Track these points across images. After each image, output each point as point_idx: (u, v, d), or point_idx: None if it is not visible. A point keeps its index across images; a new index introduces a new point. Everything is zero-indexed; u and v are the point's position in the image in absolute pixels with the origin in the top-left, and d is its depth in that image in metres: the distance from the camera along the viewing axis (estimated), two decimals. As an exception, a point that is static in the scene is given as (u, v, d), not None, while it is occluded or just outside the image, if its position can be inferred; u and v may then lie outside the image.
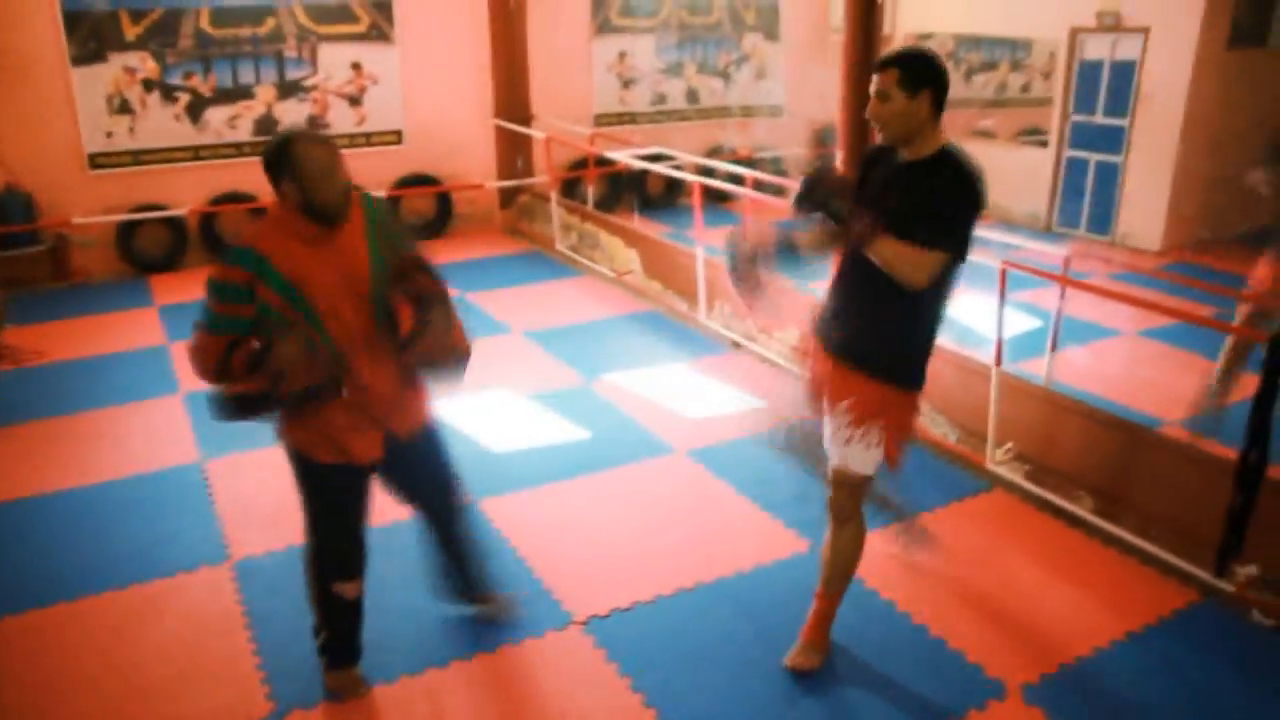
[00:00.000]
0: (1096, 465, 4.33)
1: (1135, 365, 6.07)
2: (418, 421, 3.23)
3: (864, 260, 2.96)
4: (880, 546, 4.20)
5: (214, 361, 2.88)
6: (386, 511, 3.82)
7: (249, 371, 2.86)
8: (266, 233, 2.89)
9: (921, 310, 3.11)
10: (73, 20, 7.98)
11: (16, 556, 4.22)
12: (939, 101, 2.96)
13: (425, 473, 3.37)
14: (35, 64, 7.96)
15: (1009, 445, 4.69)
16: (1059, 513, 4.41)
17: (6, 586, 3.98)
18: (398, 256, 3.00)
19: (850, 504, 3.35)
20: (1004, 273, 4.42)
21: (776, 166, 10.53)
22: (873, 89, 2.99)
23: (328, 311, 2.90)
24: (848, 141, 5.38)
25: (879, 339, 3.15)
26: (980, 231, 3.25)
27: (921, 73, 2.94)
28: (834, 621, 3.53)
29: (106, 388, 6.03)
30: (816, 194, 2.99)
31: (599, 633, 3.67)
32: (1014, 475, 4.61)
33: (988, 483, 4.71)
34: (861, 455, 3.21)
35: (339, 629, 3.34)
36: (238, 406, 2.98)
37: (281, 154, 2.83)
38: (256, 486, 4.78)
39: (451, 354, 3.10)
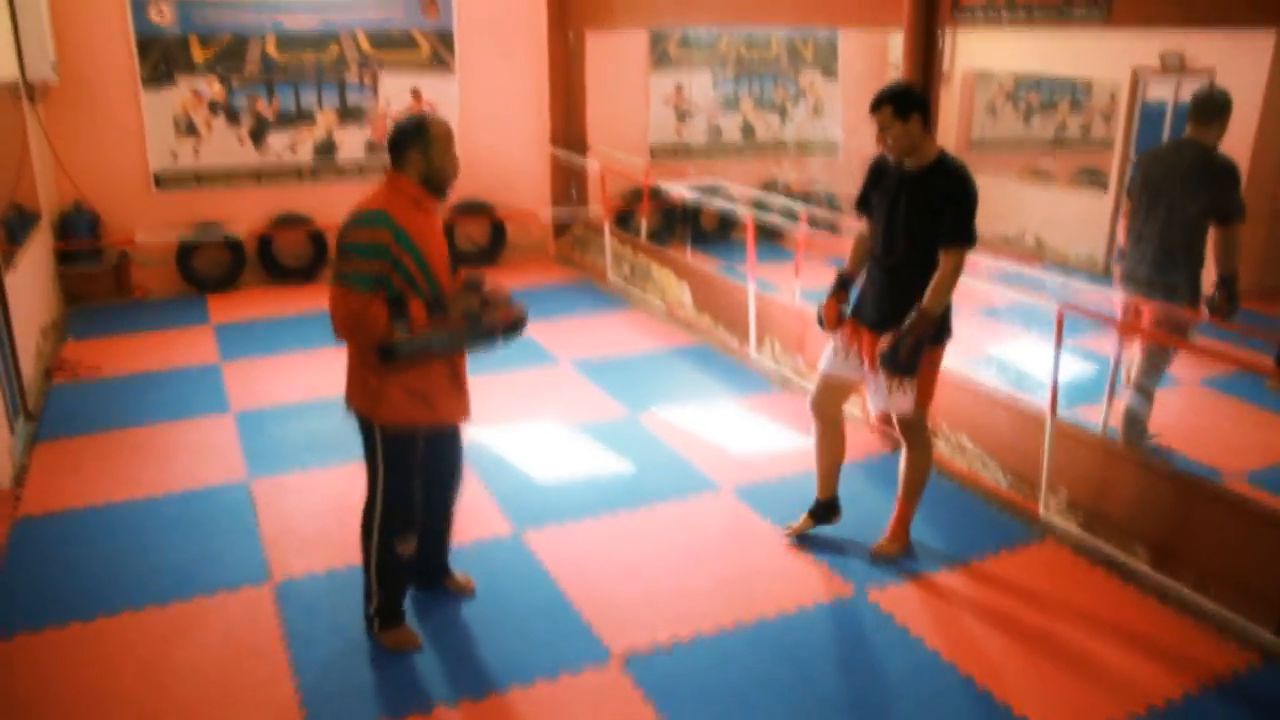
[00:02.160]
0: (1153, 517, 4.20)
1: (1195, 415, 5.91)
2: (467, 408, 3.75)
3: (893, 268, 4.02)
4: (926, 596, 4.12)
5: (373, 316, 3.22)
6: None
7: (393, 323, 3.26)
8: (388, 199, 3.33)
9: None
10: (145, 44, 8.21)
11: (62, 568, 4.27)
12: (925, 119, 3.88)
13: (455, 449, 3.87)
14: (108, 86, 8.19)
15: (1062, 493, 4.57)
16: (1113, 565, 4.28)
17: (50, 598, 4.03)
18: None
19: (910, 434, 4.24)
20: (1061, 316, 4.32)
21: (831, 203, 10.49)
22: (876, 125, 3.89)
23: (441, 274, 3.42)
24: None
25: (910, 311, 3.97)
26: (1035, 273, 4.04)
27: (907, 103, 3.84)
28: (911, 523, 4.43)
29: (159, 404, 6.12)
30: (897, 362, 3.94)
31: (637, 670, 3.61)
32: (1067, 524, 4.49)
33: (1040, 531, 4.59)
34: (901, 399, 4.07)
35: (394, 589, 3.71)
36: (410, 353, 3.35)
37: (419, 126, 3.35)
38: (301, 508, 4.80)
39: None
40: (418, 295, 3.32)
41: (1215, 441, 5.56)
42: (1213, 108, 4.71)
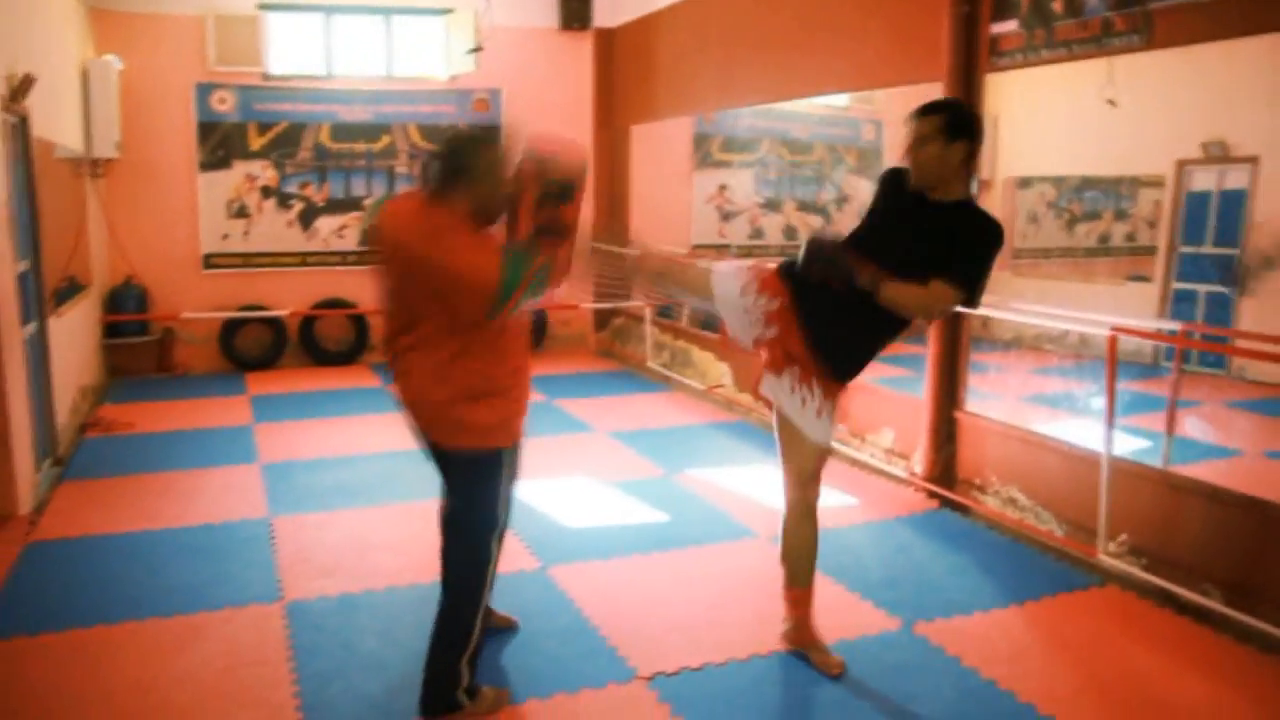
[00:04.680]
0: (1224, 554, 3.89)
1: (1260, 485, 5.58)
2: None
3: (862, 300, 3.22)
4: (979, 631, 3.82)
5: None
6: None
7: None
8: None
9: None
10: (206, 130, 8.53)
11: (69, 585, 4.12)
12: (972, 152, 3.24)
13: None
14: (167, 168, 8.49)
15: (1123, 537, 4.27)
16: (1184, 608, 3.94)
17: (53, 609, 3.88)
18: None
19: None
20: (1113, 340, 4.13)
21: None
22: (913, 133, 3.24)
23: None
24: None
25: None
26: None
27: (961, 124, 3.23)
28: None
29: (187, 454, 6.04)
30: (821, 262, 3.23)
31: (664, 689, 3.34)
32: (1129, 568, 4.17)
33: (1099, 577, 4.28)
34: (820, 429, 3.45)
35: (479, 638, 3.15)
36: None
37: (466, 155, 2.94)
38: (320, 541, 4.63)
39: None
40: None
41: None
42: None
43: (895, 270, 3.20)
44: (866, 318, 3.28)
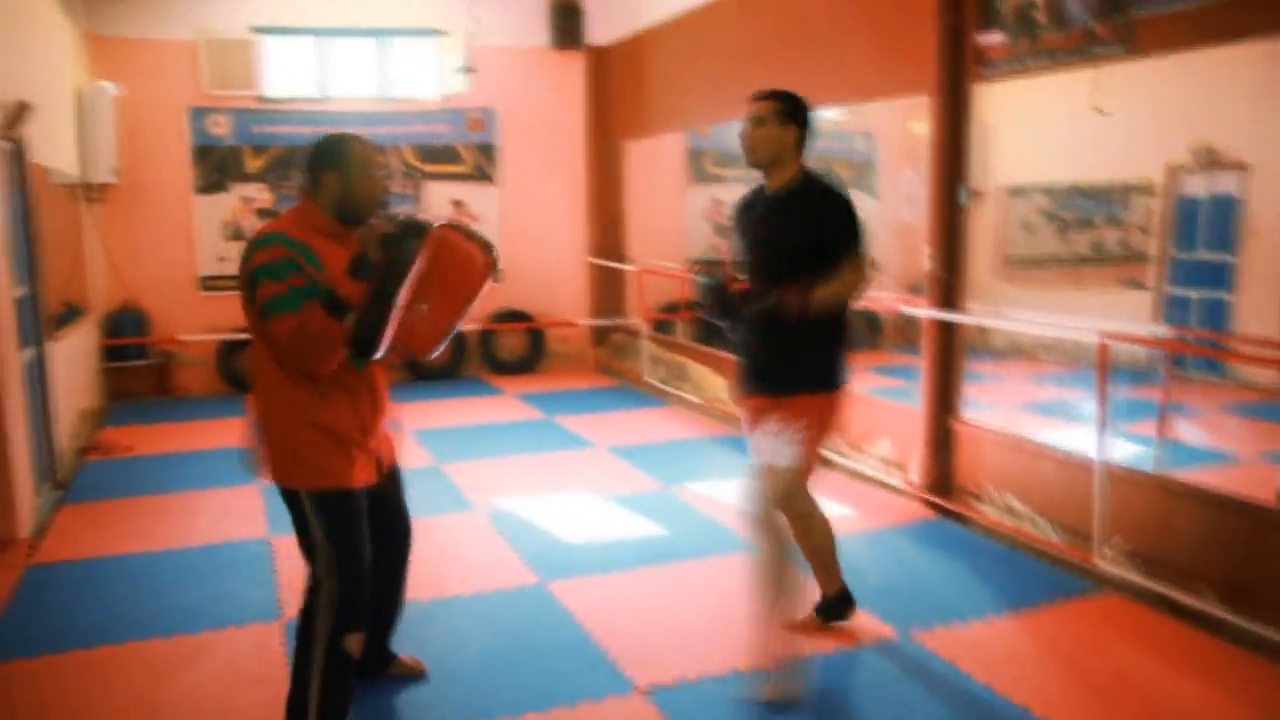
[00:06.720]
0: (1219, 556, 3.91)
1: (1255, 488, 5.60)
2: (394, 447, 3.26)
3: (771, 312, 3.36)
4: (975, 638, 3.84)
5: (316, 323, 2.63)
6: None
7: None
8: (291, 225, 2.83)
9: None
10: (201, 154, 8.58)
11: (70, 605, 4.16)
12: (803, 137, 3.49)
13: (396, 505, 3.30)
14: (164, 193, 8.55)
15: (1119, 542, 4.29)
16: (1180, 611, 3.96)
17: (55, 630, 3.91)
18: None
19: (785, 504, 3.49)
20: (1103, 346, 4.17)
21: (871, 321, 10.44)
22: (751, 114, 3.46)
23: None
24: (939, 298, 5.29)
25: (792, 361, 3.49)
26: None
27: (795, 110, 3.47)
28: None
29: (187, 476, 6.07)
30: (718, 307, 3.59)
31: (663, 700, 3.36)
32: (1125, 573, 4.20)
33: (1097, 583, 4.30)
34: (783, 450, 3.41)
35: (341, 701, 2.93)
36: (372, 325, 2.69)
37: (336, 146, 2.85)
38: (320, 559, 4.65)
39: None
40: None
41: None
42: None
43: (784, 272, 3.38)
44: (792, 328, 3.38)
